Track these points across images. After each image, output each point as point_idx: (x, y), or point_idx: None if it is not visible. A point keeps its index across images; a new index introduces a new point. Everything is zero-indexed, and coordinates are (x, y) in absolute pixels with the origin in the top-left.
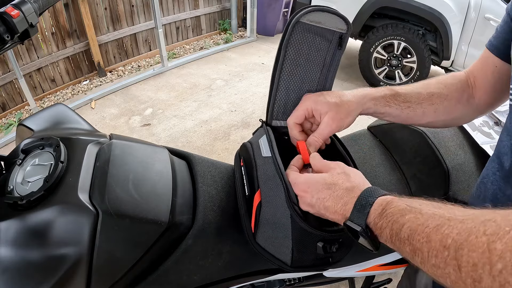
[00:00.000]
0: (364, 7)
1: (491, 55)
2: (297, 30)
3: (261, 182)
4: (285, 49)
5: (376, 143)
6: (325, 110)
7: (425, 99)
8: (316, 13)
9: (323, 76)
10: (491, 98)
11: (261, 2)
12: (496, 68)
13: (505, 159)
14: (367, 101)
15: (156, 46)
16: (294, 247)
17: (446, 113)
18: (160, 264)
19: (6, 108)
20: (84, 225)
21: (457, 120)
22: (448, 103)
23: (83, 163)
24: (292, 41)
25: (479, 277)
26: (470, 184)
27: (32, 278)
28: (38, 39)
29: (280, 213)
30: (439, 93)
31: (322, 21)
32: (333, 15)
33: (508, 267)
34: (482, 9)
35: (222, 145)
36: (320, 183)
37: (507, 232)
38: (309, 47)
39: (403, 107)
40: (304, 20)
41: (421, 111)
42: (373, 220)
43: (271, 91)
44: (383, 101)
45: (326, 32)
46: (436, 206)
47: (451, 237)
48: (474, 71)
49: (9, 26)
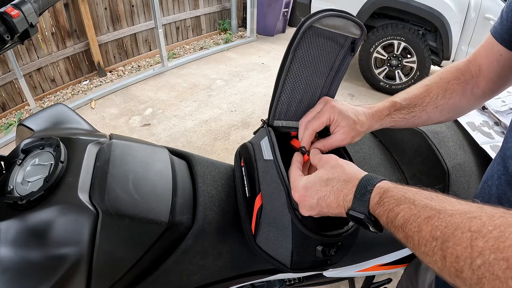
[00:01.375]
0: (364, 7)
1: (495, 42)
2: (309, 34)
3: (263, 186)
4: (294, 51)
5: (376, 143)
6: (343, 124)
7: (429, 104)
8: (331, 18)
9: (329, 79)
10: (496, 85)
11: (261, 2)
12: (501, 56)
13: (510, 163)
14: (374, 123)
15: (156, 46)
16: (294, 250)
17: (452, 109)
18: (160, 264)
19: (6, 108)
20: (84, 225)
21: (463, 111)
22: (452, 101)
23: (83, 163)
24: (303, 45)
25: (461, 268)
26: (470, 184)
27: (32, 278)
28: (38, 39)
29: (281, 217)
30: (443, 94)
31: (336, 25)
32: (348, 20)
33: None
34: (482, 9)
35: (222, 145)
36: (317, 183)
37: (490, 232)
38: (320, 51)
39: (408, 117)
40: (318, 25)
41: (426, 116)
42: (371, 207)
43: (275, 91)
44: (388, 119)
45: (339, 37)
46: (429, 197)
47: (440, 229)
48: (478, 59)
49: (9, 26)
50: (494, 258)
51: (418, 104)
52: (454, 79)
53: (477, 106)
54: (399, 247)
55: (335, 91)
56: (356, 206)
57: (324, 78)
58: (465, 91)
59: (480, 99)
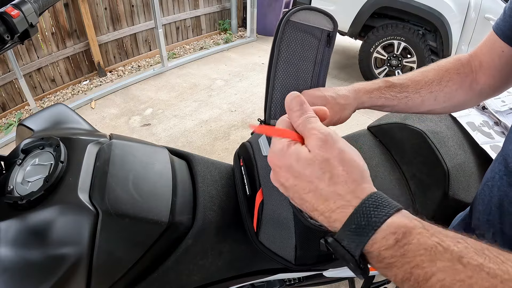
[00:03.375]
0: (364, 7)
1: (498, 39)
2: (288, 29)
3: (263, 181)
4: (278, 47)
5: (376, 143)
6: (322, 103)
7: (423, 87)
8: (304, 11)
9: (315, 73)
10: (497, 83)
11: (261, 2)
12: (503, 53)
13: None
14: (362, 95)
15: (156, 46)
16: (298, 244)
17: (447, 99)
18: (160, 264)
19: (6, 108)
20: (84, 225)
21: (460, 105)
22: (449, 90)
23: (83, 163)
24: (285, 40)
25: None
26: (470, 184)
27: (32, 278)
28: (38, 39)
29: (282, 211)
30: (439, 80)
31: (311, 19)
32: (320, 13)
33: None
34: (482, 9)
35: (222, 145)
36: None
37: None
38: (301, 45)
39: (400, 97)
40: (294, 19)
41: (419, 99)
42: (377, 250)
43: (267, 90)
44: (377, 93)
45: (315, 30)
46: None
47: None
48: (479, 55)
49: (9, 26)
50: None
51: (412, 86)
52: (453, 69)
53: (475, 103)
54: None
55: (323, 85)
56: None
57: (310, 73)
58: (463, 83)
59: (478, 95)
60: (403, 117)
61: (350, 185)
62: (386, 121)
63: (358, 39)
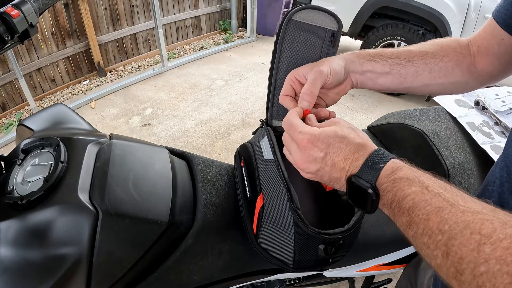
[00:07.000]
0: (364, 7)
1: (497, 26)
2: (290, 28)
3: (264, 186)
4: (280, 47)
5: (376, 143)
6: (308, 69)
7: (416, 56)
8: (307, 11)
9: None
10: (495, 70)
11: (261, 2)
12: (503, 41)
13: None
14: (349, 55)
15: (156, 46)
16: (296, 249)
17: (443, 75)
18: (160, 264)
19: (6, 108)
20: (84, 225)
21: (457, 86)
22: (444, 65)
23: (83, 163)
24: (287, 39)
25: (462, 271)
26: (470, 184)
27: (32, 278)
28: (38, 39)
29: (283, 216)
30: (433, 53)
31: (314, 19)
32: (324, 13)
33: (490, 272)
34: (482, 9)
35: (222, 145)
36: (332, 137)
37: (499, 240)
38: (304, 45)
39: (391, 63)
40: (296, 18)
41: (413, 69)
42: (380, 179)
43: (269, 91)
44: (367, 56)
45: (319, 30)
46: (442, 186)
47: (449, 224)
48: (478, 40)
49: (9, 26)
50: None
51: (404, 54)
52: (449, 46)
53: (472, 87)
54: (399, 247)
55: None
56: (363, 173)
57: None
58: (460, 62)
59: (476, 79)
60: (403, 117)
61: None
62: (386, 121)
63: (358, 39)
